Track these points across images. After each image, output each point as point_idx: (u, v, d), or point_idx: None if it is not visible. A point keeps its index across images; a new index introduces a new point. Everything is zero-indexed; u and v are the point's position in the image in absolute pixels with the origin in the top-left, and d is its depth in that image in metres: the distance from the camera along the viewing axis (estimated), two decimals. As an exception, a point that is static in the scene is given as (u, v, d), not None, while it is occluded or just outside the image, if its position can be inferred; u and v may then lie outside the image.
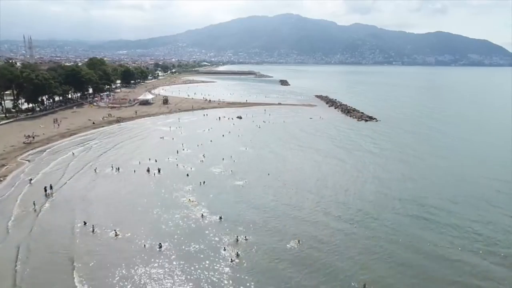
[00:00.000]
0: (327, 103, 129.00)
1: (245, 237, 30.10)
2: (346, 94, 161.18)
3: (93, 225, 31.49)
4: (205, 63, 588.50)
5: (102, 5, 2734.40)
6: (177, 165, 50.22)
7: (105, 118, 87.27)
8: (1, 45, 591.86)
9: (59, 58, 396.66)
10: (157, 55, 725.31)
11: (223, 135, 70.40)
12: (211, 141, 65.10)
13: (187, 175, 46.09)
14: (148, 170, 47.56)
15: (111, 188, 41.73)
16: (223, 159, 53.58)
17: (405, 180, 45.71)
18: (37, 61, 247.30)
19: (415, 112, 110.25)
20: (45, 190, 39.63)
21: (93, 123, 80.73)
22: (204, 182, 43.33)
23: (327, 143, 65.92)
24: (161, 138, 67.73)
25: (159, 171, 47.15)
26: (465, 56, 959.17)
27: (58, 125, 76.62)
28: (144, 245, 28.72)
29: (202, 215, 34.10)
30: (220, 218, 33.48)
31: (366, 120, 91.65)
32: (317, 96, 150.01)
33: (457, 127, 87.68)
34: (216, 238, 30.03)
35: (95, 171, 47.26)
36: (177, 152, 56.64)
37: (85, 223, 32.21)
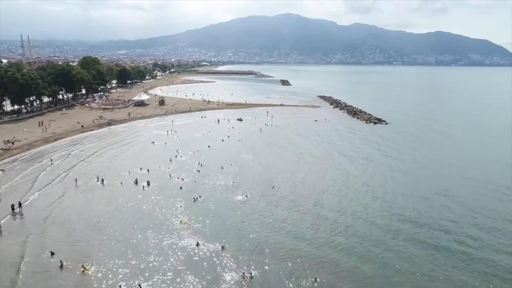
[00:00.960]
0: (331, 104, 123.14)
1: (251, 273, 24.24)
2: (348, 95, 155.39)
3: (61, 260, 25.32)
4: (204, 63, 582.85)
5: (102, 5, 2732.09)
6: (170, 175, 44.32)
7: (95, 120, 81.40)
8: (0, 45, 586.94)
9: (57, 58, 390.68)
10: (156, 55, 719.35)
11: (222, 140, 64.51)
12: (209, 146, 59.21)
13: (181, 188, 40.22)
14: (136, 182, 41.71)
15: (91, 205, 35.73)
16: (222, 167, 47.75)
17: (424, 198, 39.02)
18: (35, 60, 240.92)
19: (421, 113, 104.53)
20: (12, 209, 33.75)
21: (82, 126, 74.80)
22: (199, 197, 37.46)
23: (336, 150, 59.93)
24: (152, 143, 61.52)
25: (148, 183, 41.27)
26: (466, 56, 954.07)
27: (46, 128, 70.79)
28: (119, 287, 22.82)
29: (198, 243, 28.06)
30: (223, 247, 27.51)
31: (375, 123, 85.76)
32: (321, 97, 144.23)
33: (468, 129, 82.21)
34: (213, 276, 24.11)
35: (76, 183, 41.40)
36: (171, 160, 50.68)
37: (52, 254, 26.27)
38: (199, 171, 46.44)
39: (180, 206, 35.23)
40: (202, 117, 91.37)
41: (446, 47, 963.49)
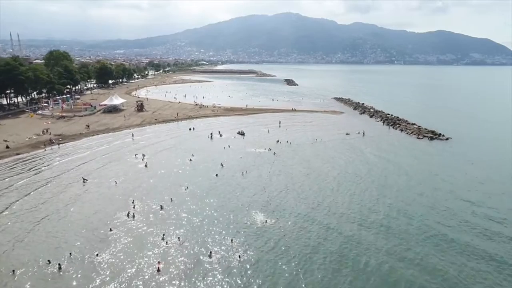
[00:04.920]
0: (354, 108, 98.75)
1: None
2: (365, 96, 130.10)
3: None
4: (203, 62, 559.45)
5: (100, 4, 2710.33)
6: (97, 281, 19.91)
7: (35, 136, 56.97)
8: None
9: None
10: (155, 54, 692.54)
11: (216, 175, 39.84)
12: (187, 189, 34.90)
13: None
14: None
15: None
16: (210, 254, 23.49)
17: None
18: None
19: (475, 122, 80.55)
20: None
21: (7, 147, 50.30)
22: None
23: (403, 197, 35.74)
24: (83, 180, 37.05)
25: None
26: (467, 55, 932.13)
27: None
28: None
29: None
30: None
31: (431, 138, 61.42)
32: (337, 99, 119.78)
33: None
34: None
35: None
36: (111, 230, 26.31)
37: None
38: (159, 269, 21.96)
39: None
40: (190, 129, 66.75)
41: (447, 46, 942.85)
